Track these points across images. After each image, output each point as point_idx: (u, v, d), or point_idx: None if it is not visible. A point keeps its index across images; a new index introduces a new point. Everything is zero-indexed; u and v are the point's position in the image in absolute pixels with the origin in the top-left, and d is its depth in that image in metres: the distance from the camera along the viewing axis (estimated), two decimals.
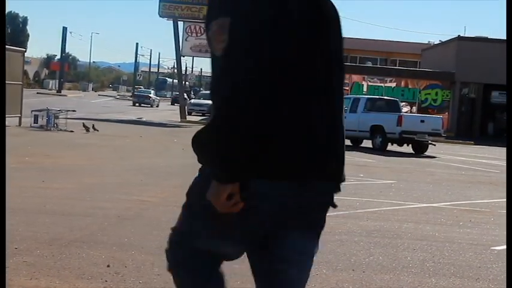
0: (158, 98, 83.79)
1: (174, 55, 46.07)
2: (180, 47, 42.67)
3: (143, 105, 72.18)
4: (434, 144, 26.76)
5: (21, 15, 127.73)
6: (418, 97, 44.36)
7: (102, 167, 14.68)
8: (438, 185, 15.34)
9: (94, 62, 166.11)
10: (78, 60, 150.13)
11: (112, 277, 5.94)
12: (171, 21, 41.33)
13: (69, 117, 26.46)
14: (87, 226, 8.14)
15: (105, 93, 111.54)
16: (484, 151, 31.27)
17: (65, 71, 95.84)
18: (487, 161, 24.32)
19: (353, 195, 12.28)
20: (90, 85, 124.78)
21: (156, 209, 9.46)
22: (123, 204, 9.85)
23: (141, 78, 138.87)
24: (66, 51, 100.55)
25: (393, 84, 45.14)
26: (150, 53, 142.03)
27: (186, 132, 22.85)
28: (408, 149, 26.14)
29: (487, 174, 19.20)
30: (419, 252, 7.80)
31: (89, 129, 24.24)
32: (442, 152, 27.10)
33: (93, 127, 25.11)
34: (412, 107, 43.09)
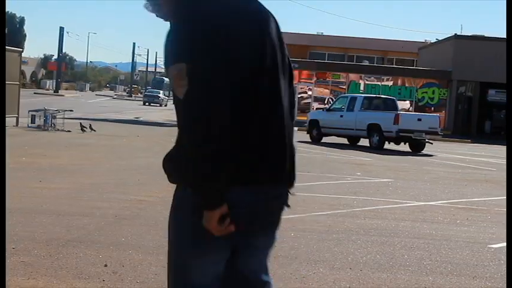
0: (166, 97, 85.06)
1: None
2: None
3: (153, 105, 75.90)
4: (431, 143, 26.77)
5: (18, 15, 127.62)
6: (415, 95, 44.40)
7: (99, 167, 14.68)
8: (435, 184, 15.35)
9: (91, 62, 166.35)
10: (75, 60, 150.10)
11: (109, 276, 5.96)
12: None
13: (66, 117, 26.49)
14: (84, 226, 8.14)
15: (102, 93, 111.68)
16: (481, 149, 31.31)
17: (62, 71, 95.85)
18: (484, 159, 24.36)
19: (350, 193, 12.31)
20: (88, 85, 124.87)
21: (153, 209, 9.46)
22: (120, 204, 9.86)
23: (138, 78, 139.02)
24: (63, 51, 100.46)
25: (390, 83, 45.15)
26: (147, 53, 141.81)
27: None
28: (405, 147, 26.17)
29: (484, 172, 19.21)
30: (416, 251, 7.81)
31: (85, 129, 24.21)
32: (439, 150, 27.12)
33: (91, 127, 25.10)
34: (410, 108, 43.10)
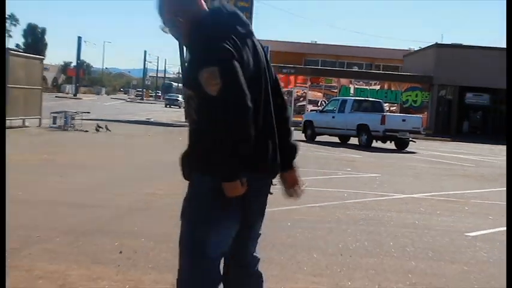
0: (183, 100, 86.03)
1: (178, 61, 46.10)
2: (184, 54, 42.66)
3: (173, 107, 78.99)
4: (415, 141, 26.80)
5: (40, 26, 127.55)
6: (400, 98, 44.39)
7: (114, 163, 14.70)
8: (418, 178, 15.38)
9: (106, 68, 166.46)
10: (92, 66, 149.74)
11: (124, 262, 5.98)
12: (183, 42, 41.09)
13: (84, 118, 26.49)
14: (100, 216, 8.18)
15: (116, 97, 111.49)
16: (459, 147, 31.32)
17: (80, 77, 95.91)
18: (462, 156, 24.36)
19: (341, 187, 12.33)
20: (103, 89, 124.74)
21: (163, 201, 9.48)
22: (133, 197, 9.89)
23: (149, 83, 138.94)
24: (81, 59, 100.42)
25: (377, 87, 45.14)
26: (157, 60, 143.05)
27: None
28: (391, 145, 26.18)
29: (462, 168, 19.23)
30: (400, 238, 7.83)
31: (99, 130, 24.19)
32: (422, 148, 27.15)
33: (106, 127, 25.10)
34: (396, 109, 43.03)
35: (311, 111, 37.46)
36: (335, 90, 44.21)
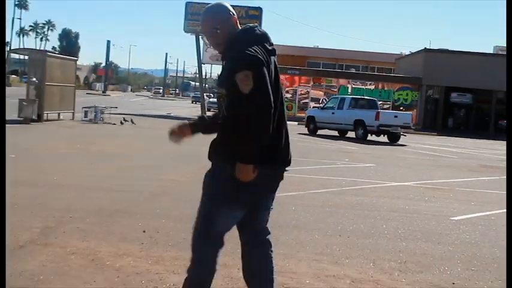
0: (208, 98, 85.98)
1: (196, 63, 46.21)
2: (201, 56, 42.71)
3: (198, 103, 76.92)
4: (405, 135, 26.73)
5: (73, 31, 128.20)
6: (392, 97, 44.25)
7: (138, 153, 14.74)
8: (408, 168, 15.34)
9: (132, 68, 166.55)
10: (119, 67, 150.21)
11: (147, 240, 6.00)
12: (194, 36, 41.23)
13: (112, 112, 26.55)
14: (126, 200, 8.20)
15: (140, 94, 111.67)
16: (445, 141, 31.22)
17: (108, 76, 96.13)
18: (447, 149, 24.28)
19: (340, 176, 12.33)
20: (129, 87, 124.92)
21: (182, 187, 9.50)
22: (155, 183, 9.91)
23: (169, 82, 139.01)
24: (110, 60, 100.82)
25: (372, 87, 44.96)
26: (177, 62, 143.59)
27: None
28: (384, 139, 26.12)
29: (447, 159, 19.18)
30: (392, 222, 7.82)
31: (123, 123, 24.23)
32: (412, 141, 27.07)
33: (132, 121, 25.18)
34: (390, 107, 42.92)
35: (313, 107, 37.30)
36: (334, 90, 44.06)
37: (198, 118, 4.04)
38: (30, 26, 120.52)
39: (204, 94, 49.01)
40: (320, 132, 28.16)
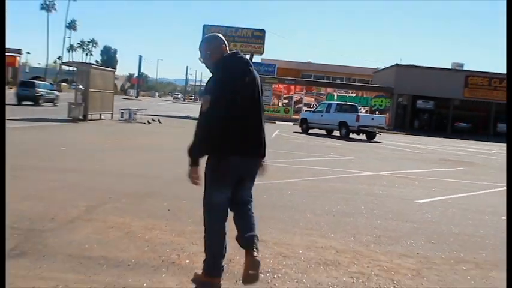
0: None
1: (210, 74, 45.96)
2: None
3: None
4: (380, 134, 26.70)
5: (112, 48, 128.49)
6: (369, 103, 44.13)
7: (164, 146, 14.74)
8: (382, 160, 15.32)
9: (159, 78, 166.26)
10: (148, 77, 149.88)
11: (171, 217, 6.00)
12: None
13: (143, 114, 26.54)
14: (154, 184, 8.21)
15: (165, 99, 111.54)
16: (412, 139, 31.14)
17: (140, 84, 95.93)
18: (414, 145, 24.24)
19: (326, 166, 12.31)
20: (157, 93, 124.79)
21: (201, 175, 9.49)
22: (177, 170, 9.86)
23: (189, 89, 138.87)
24: (141, 71, 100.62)
25: (353, 94, 44.80)
26: (195, 73, 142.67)
27: None
28: (363, 137, 26.08)
29: (414, 153, 19.14)
30: (369, 204, 7.81)
31: (150, 122, 24.19)
32: (385, 139, 27.02)
33: (159, 120, 25.17)
34: (367, 110, 42.80)
35: (306, 111, 37.25)
36: (323, 96, 43.94)
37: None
38: (77, 43, 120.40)
39: None
40: (311, 131, 28.12)
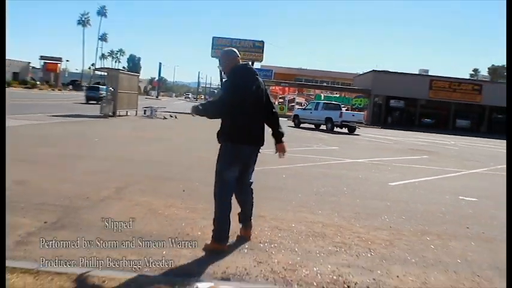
0: None
1: (219, 77, 45.96)
2: (222, 73, 42.54)
3: None
4: (359, 128, 26.65)
5: (137, 56, 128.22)
6: (350, 102, 43.98)
7: (179, 138, 14.72)
8: (361, 150, 15.29)
9: (175, 81, 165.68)
10: (167, 80, 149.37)
11: (186, 196, 6.00)
12: (218, 60, 41.00)
13: (162, 111, 26.47)
14: (172, 170, 8.20)
15: (180, 98, 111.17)
16: (386, 132, 31.04)
17: (160, 86, 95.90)
18: (387, 137, 24.18)
19: (315, 155, 12.29)
20: (174, 94, 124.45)
21: (210, 161, 9.42)
22: (191, 158, 9.90)
23: (201, 90, 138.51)
24: (161, 75, 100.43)
25: (337, 95, 44.61)
26: (206, 77, 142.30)
27: None
28: (345, 130, 26.03)
29: (387, 144, 19.09)
30: (350, 186, 7.80)
31: (166, 118, 24.09)
32: (363, 132, 26.93)
33: (175, 116, 25.10)
34: (349, 108, 42.67)
35: (298, 109, 37.10)
36: (312, 97, 43.74)
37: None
38: (108, 52, 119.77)
39: None
40: (302, 125, 28.04)
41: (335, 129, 26.04)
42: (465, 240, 5.02)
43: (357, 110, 41.66)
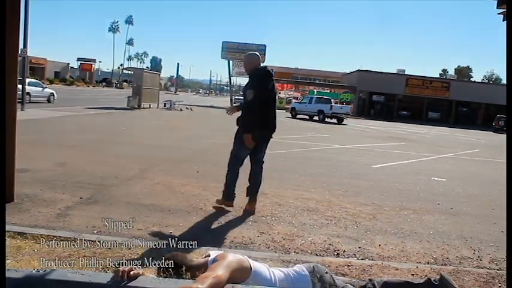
0: (234, 96, 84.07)
1: (227, 76, 45.64)
2: (230, 72, 42.35)
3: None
4: (347, 119, 26.46)
5: (158, 57, 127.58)
6: (339, 97, 43.66)
7: (193, 127, 14.65)
8: (348, 137, 15.18)
9: (191, 78, 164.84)
10: (183, 78, 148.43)
11: (199, 176, 5.96)
12: (226, 61, 40.79)
13: (180, 104, 26.34)
14: (188, 153, 8.15)
15: (195, 93, 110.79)
16: (369, 122, 30.85)
17: (178, 83, 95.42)
18: (370, 127, 24.01)
19: (309, 142, 12.21)
20: (189, 89, 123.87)
21: (219, 147, 9.39)
22: (204, 144, 9.84)
23: (212, 87, 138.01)
24: (179, 74, 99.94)
25: (328, 91, 44.25)
26: (216, 75, 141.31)
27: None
28: (335, 121, 25.85)
29: (370, 132, 18.96)
30: (340, 168, 7.74)
31: (182, 110, 23.96)
32: (350, 122, 26.74)
33: (191, 108, 24.97)
34: (338, 102, 42.34)
35: (294, 102, 36.82)
36: (307, 92, 43.50)
37: (239, 104, 4.47)
38: (134, 54, 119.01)
39: (233, 94, 48.55)
40: (298, 116, 27.87)
41: (326, 120, 25.87)
42: (436, 215, 4.97)
43: (344, 103, 41.38)
